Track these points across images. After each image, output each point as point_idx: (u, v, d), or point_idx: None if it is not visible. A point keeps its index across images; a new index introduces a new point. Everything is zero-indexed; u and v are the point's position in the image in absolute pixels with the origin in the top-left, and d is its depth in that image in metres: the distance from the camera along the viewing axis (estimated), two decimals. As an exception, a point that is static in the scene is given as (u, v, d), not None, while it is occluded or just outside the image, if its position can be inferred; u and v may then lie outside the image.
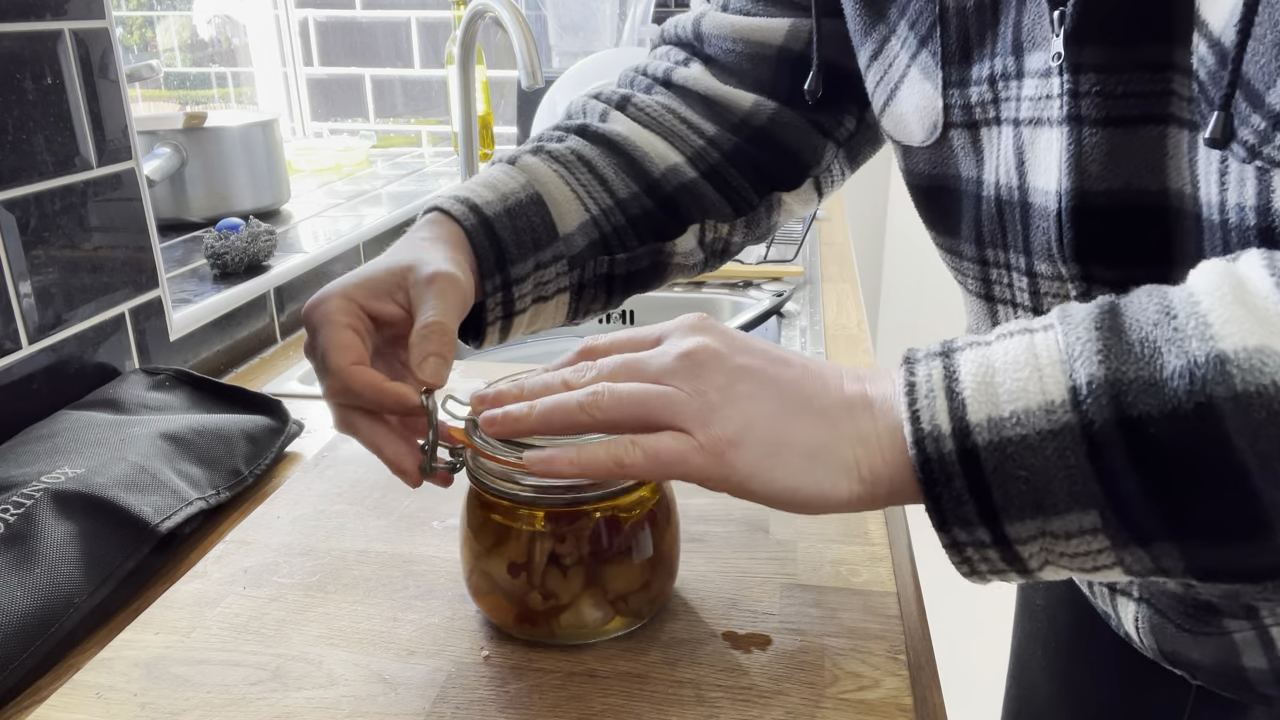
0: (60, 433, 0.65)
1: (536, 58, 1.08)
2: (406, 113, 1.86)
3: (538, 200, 0.58)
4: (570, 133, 0.63)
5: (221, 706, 0.45)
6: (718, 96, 0.64)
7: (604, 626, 0.48)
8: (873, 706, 0.44)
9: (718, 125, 0.64)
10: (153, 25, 1.64)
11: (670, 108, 0.64)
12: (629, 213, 0.61)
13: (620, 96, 0.65)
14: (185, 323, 0.87)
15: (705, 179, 0.63)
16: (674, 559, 0.51)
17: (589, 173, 0.60)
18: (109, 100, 0.76)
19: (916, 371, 0.39)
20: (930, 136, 0.51)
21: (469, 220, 0.55)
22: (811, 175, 0.67)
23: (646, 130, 0.64)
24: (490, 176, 0.59)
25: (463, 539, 0.50)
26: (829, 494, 0.40)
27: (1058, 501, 0.35)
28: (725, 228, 0.66)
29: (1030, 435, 0.35)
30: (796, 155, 0.65)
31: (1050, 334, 0.37)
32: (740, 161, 0.64)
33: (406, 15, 1.79)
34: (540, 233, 0.57)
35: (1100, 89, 0.41)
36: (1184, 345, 0.33)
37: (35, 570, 0.52)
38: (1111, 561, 0.36)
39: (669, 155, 0.63)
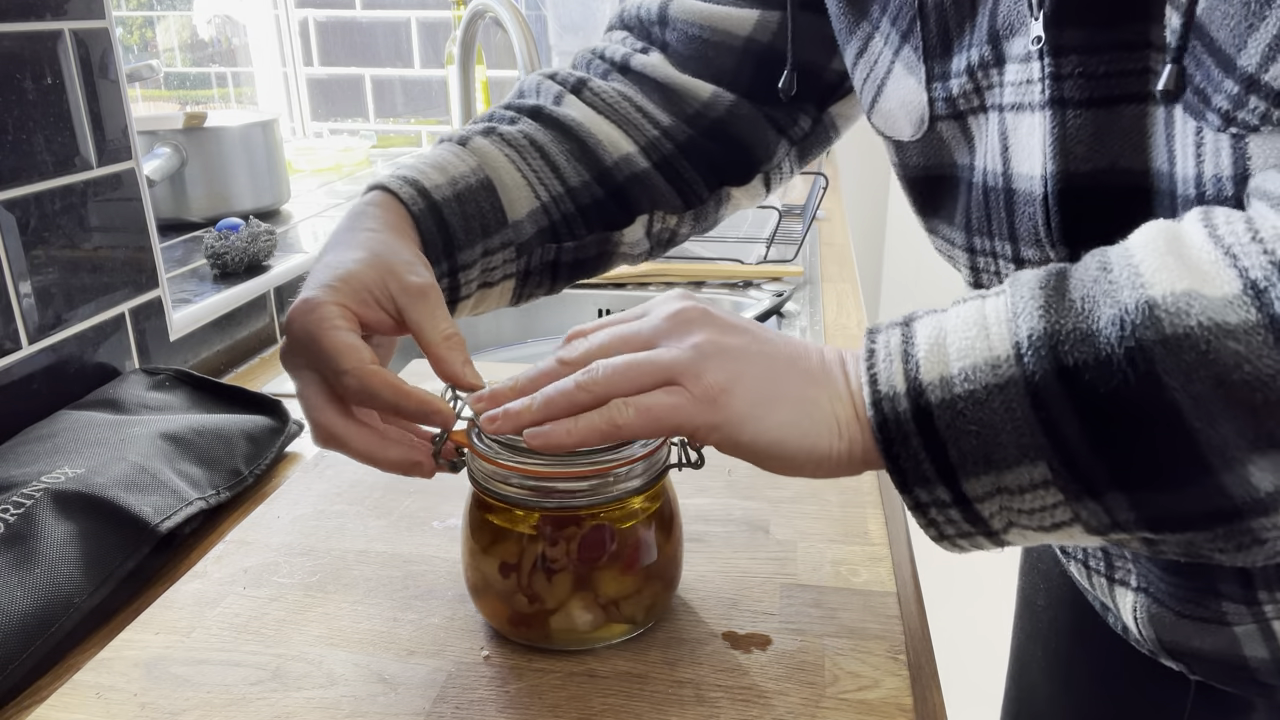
0: (60, 433, 0.65)
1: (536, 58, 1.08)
2: (406, 113, 1.86)
3: (488, 186, 0.57)
4: (523, 114, 0.61)
5: (221, 706, 0.45)
6: (676, 85, 0.63)
7: (599, 632, 0.48)
8: (873, 706, 0.44)
9: (673, 116, 0.63)
10: (153, 25, 1.64)
11: (626, 95, 0.63)
12: (579, 201, 0.60)
13: (576, 80, 0.64)
14: (185, 323, 0.87)
15: (657, 170, 0.63)
16: (673, 569, 0.51)
17: (541, 158, 0.59)
18: (109, 100, 0.76)
19: (877, 340, 0.41)
20: (918, 131, 0.52)
21: (417, 205, 0.54)
22: (762, 171, 0.67)
23: (601, 116, 0.62)
24: (439, 157, 0.57)
25: (463, 538, 0.50)
26: (814, 447, 0.41)
27: (1007, 454, 0.36)
28: (673, 219, 0.65)
29: (978, 390, 0.36)
30: (749, 150, 0.65)
31: (1000, 298, 0.38)
32: (693, 154, 0.64)
33: (406, 15, 1.79)
34: (489, 219, 0.56)
35: (1082, 70, 0.41)
36: (1117, 295, 0.35)
37: (35, 570, 0.52)
38: (1069, 517, 0.37)
39: (622, 144, 0.62)
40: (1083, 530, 0.38)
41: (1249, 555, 0.37)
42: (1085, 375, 0.34)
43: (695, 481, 0.63)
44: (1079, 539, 0.39)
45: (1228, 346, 0.32)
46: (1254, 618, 0.48)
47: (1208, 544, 0.37)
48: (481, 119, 0.62)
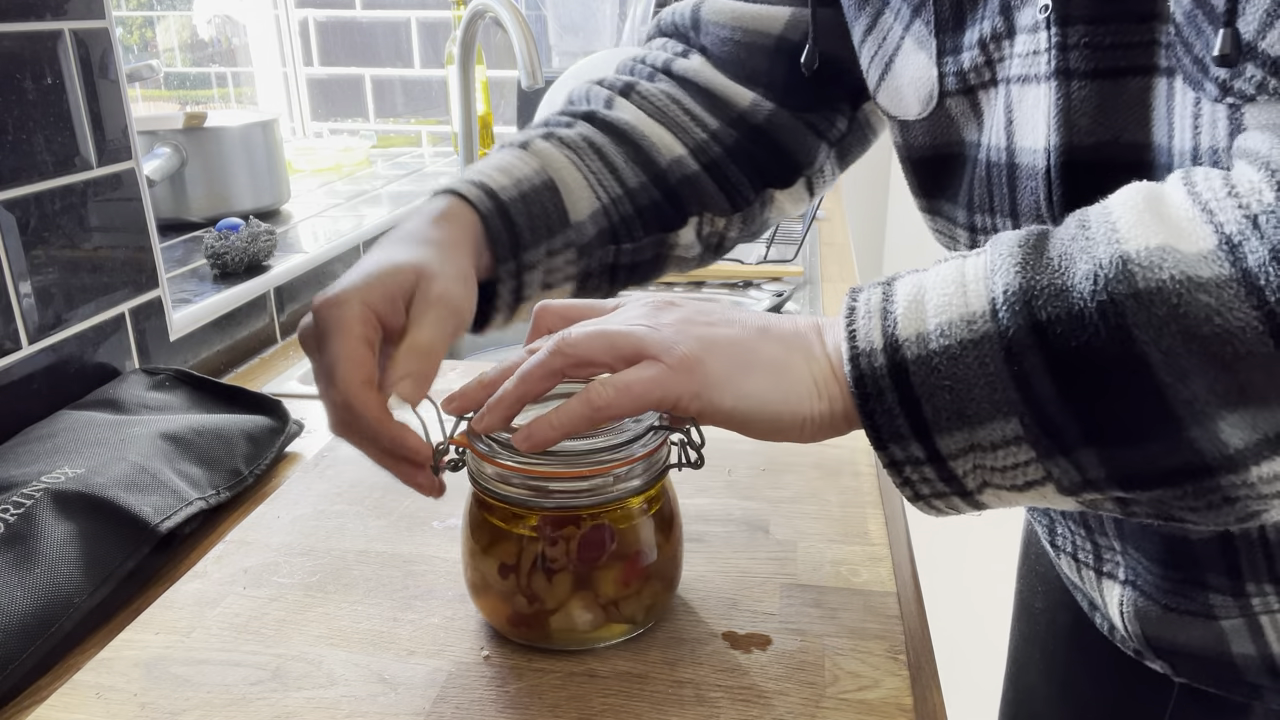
0: (60, 433, 0.65)
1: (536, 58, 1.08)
2: (406, 113, 1.86)
3: (551, 186, 0.57)
4: (578, 119, 0.62)
5: (221, 706, 0.45)
6: (718, 90, 0.64)
7: (599, 632, 0.48)
8: (873, 706, 0.44)
9: (719, 119, 0.64)
10: (153, 25, 1.64)
11: (674, 97, 0.64)
12: (637, 202, 0.61)
13: (624, 83, 0.65)
14: (185, 323, 0.87)
15: (706, 172, 0.63)
16: (672, 569, 0.50)
17: (599, 160, 0.60)
18: (109, 100, 0.76)
19: (858, 298, 0.41)
20: (926, 108, 0.51)
21: (485, 205, 0.54)
22: (804, 175, 0.67)
23: (651, 119, 0.63)
24: (503, 160, 0.58)
25: (463, 538, 0.50)
26: (796, 408, 0.41)
27: (980, 410, 0.37)
28: (722, 222, 0.66)
29: (953, 345, 0.37)
30: (791, 155, 0.65)
31: (980, 256, 0.39)
32: (740, 157, 0.64)
33: (406, 15, 1.79)
34: (553, 219, 0.57)
35: (1089, 40, 0.41)
36: (1092, 250, 0.35)
37: (35, 570, 0.52)
38: (1041, 475, 0.37)
39: (674, 146, 0.63)
40: (1055, 489, 0.38)
41: (1220, 515, 0.36)
42: (1058, 329, 0.35)
43: (695, 481, 0.63)
44: (1052, 499, 0.39)
45: (1199, 300, 0.32)
46: (1241, 611, 0.48)
47: (1177, 502, 0.36)
48: (538, 124, 0.63)
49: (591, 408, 0.41)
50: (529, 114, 1.48)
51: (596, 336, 0.42)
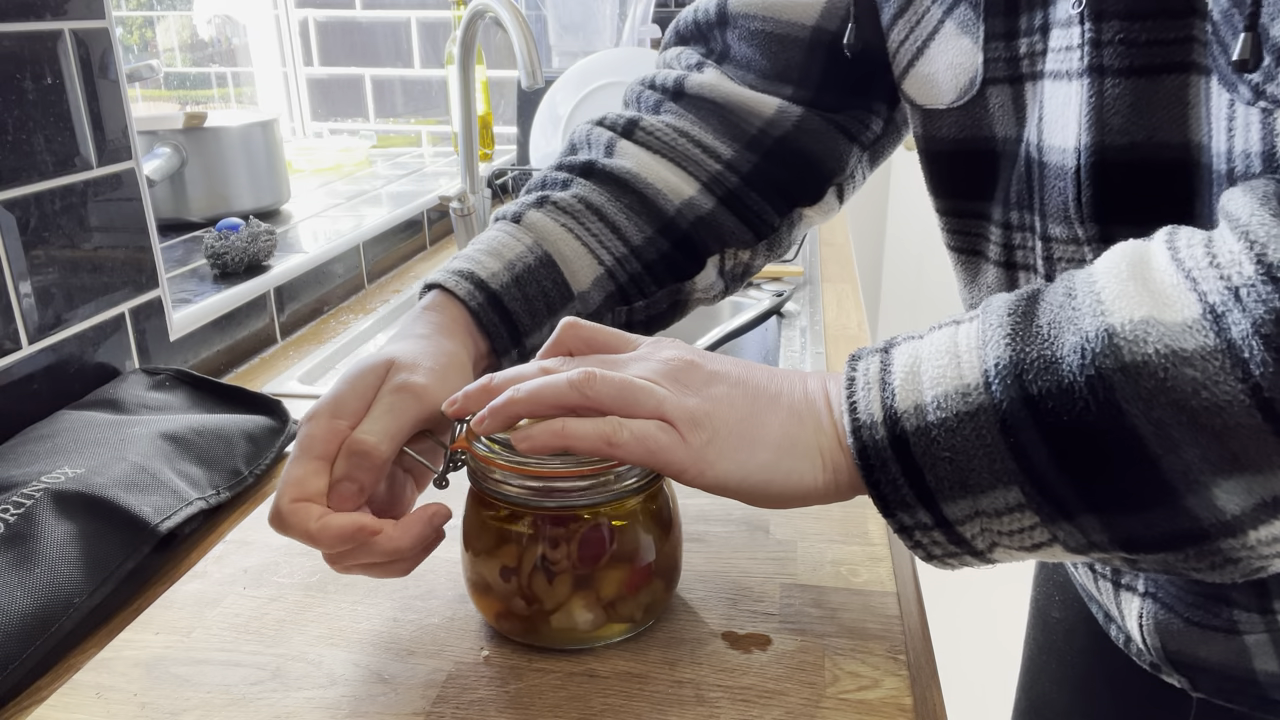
0: (60, 433, 0.65)
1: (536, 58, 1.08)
2: (406, 113, 1.86)
3: (548, 262, 0.55)
4: (575, 174, 0.59)
5: (221, 706, 0.45)
6: (736, 104, 0.60)
7: (598, 632, 0.48)
8: (873, 706, 0.44)
9: (734, 143, 0.60)
10: (153, 25, 1.64)
11: (681, 129, 0.60)
12: (644, 259, 0.58)
13: (626, 122, 0.61)
14: (185, 323, 0.87)
15: (723, 205, 0.60)
16: (672, 568, 0.50)
17: (599, 221, 0.57)
18: (109, 100, 0.76)
19: (857, 367, 0.41)
20: (964, 95, 0.49)
21: (475, 300, 0.53)
22: (834, 183, 0.63)
23: (657, 158, 0.60)
24: (494, 241, 0.56)
25: (463, 538, 0.50)
26: (798, 484, 0.42)
27: (981, 479, 0.37)
28: (746, 254, 0.63)
29: (950, 418, 0.37)
30: (820, 164, 0.62)
31: (973, 324, 0.39)
32: (759, 182, 0.61)
33: (406, 15, 1.79)
34: (553, 296, 0.55)
35: (1123, 37, 0.40)
36: (1079, 322, 0.35)
37: (35, 570, 0.52)
38: (1047, 538, 0.38)
39: (682, 188, 0.59)
40: (1063, 550, 0.38)
41: (1224, 574, 0.37)
42: (1049, 403, 0.35)
43: (695, 481, 0.63)
44: (1062, 558, 0.39)
45: (1185, 374, 0.32)
46: (1266, 627, 0.47)
47: (1181, 563, 0.37)
48: (534, 186, 0.60)
49: (605, 440, 0.42)
50: (529, 114, 1.48)
51: (621, 390, 0.42)
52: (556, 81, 1.41)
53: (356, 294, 1.21)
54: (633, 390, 0.42)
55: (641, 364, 0.44)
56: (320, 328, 1.09)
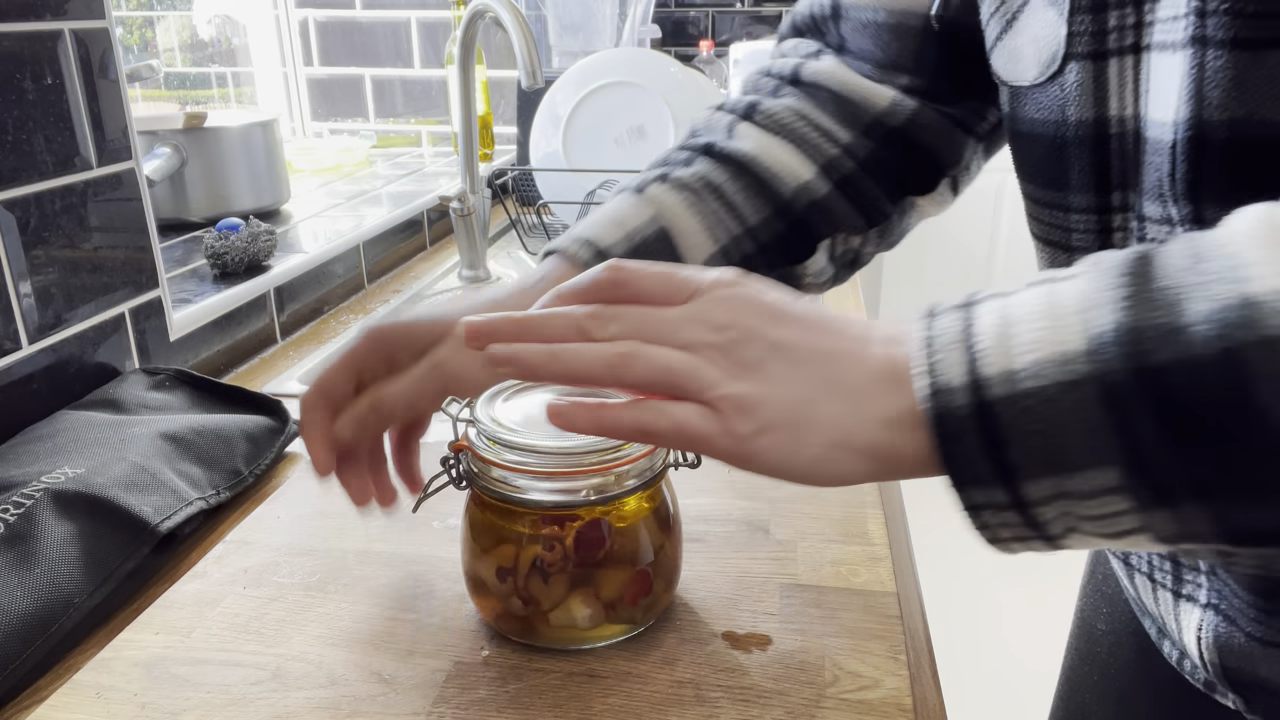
0: (60, 433, 0.65)
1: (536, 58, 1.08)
2: (406, 113, 1.86)
3: (664, 236, 0.56)
4: (697, 153, 0.60)
5: (221, 706, 0.45)
6: (852, 93, 0.60)
7: (597, 632, 0.48)
8: (873, 706, 0.44)
9: (851, 129, 0.60)
10: (153, 25, 1.64)
11: (800, 111, 0.60)
12: (759, 240, 0.58)
13: (746, 104, 0.62)
14: (185, 323, 0.87)
15: (838, 190, 0.59)
16: (672, 567, 0.51)
17: (717, 199, 0.58)
18: (109, 100, 0.76)
19: (934, 326, 0.37)
20: (1044, 72, 0.47)
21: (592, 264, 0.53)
22: (948, 175, 0.62)
23: (776, 139, 0.60)
24: (616, 211, 0.57)
25: (462, 538, 0.50)
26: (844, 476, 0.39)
27: (1074, 456, 0.34)
28: (857, 240, 0.62)
29: (1047, 387, 0.34)
30: (934, 156, 0.61)
31: (1074, 282, 0.35)
32: (875, 169, 0.60)
33: (406, 15, 1.79)
34: None
35: (1229, 6, 0.38)
36: (1210, 289, 0.32)
37: (35, 570, 0.52)
38: (1137, 525, 0.34)
39: (799, 171, 0.59)
40: (1151, 538, 0.35)
41: None
42: (1168, 377, 0.31)
43: (695, 481, 0.63)
44: (1145, 546, 0.36)
45: None
46: None
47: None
48: (658, 163, 0.61)
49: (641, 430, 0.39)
50: (529, 114, 1.48)
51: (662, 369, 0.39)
52: (556, 81, 1.41)
53: (356, 294, 1.21)
54: (675, 376, 0.39)
55: (692, 328, 0.40)
56: (320, 328, 1.09)
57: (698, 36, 2.48)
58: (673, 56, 1.41)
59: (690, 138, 0.63)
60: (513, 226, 1.39)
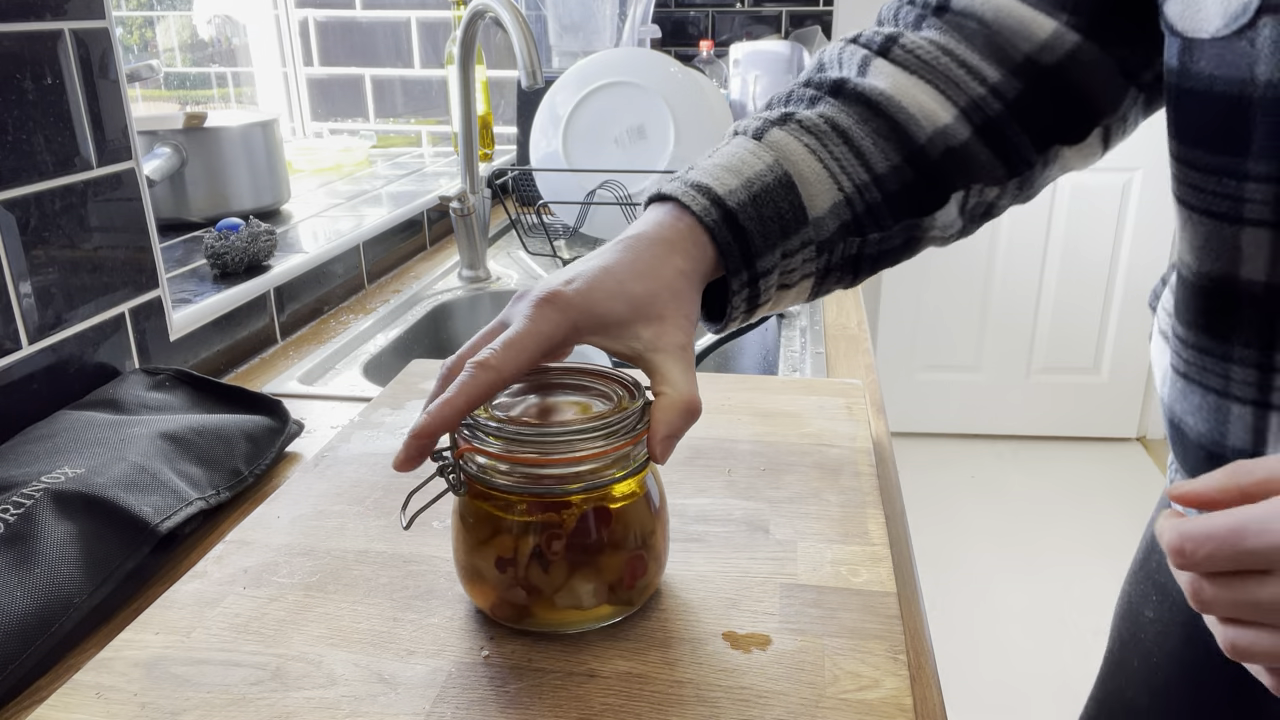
0: (60, 433, 0.65)
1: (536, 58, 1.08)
2: (406, 113, 1.86)
3: (787, 183, 0.52)
4: (824, 92, 0.55)
5: (221, 706, 0.45)
6: (1008, 22, 0.54)
7: (594, 613, 0.49)
8: (873, 706, 0.44)
9: (1001, 67, 0.54)
10: (153, 25, 1.64)
11: (945, 47, 0.55)
12: (886, 189, 0.54)
13: (884, 38, 0.56)
14: (185, 323, 0.87)
15: (979, 136, 0.54)
16: (661, 549, 0.51)
17: (844, 144, 0.53)
18: (109, 100, 0.76)
19: None
20: (1230, 24, 0.43)
21: (710, 216, 0.50)
22: (1102, 124, 0.56)
23: (914, 79, 0.54)
24: (733, 156, 0.53)
25: (454, 529, 0.50)
26: None
27: None
28: (994, 191, 0.57)
29: None
30: (1090, 100, 0.55)
31: None
32: (1023, 112, 0.55)
33: (406, 15, 1.79)
34: (788, 219, 0.52)
35: None
36: None
37: (35, 570, 0.52)
38: None
39: (938, 114, 0.54)
40: None
41: None
42: None
43: (695, 482, 0.63)
44: None
45: None
46: None
47: None
48: (778, 101, 0.57)
49: None
50: (529, 114, 1.48)
51: None
52: (556, 81, 1.41)
53: (356, 294, 1.21)
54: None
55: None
56: (320, 328, 1.09)
57: (698, 36, 2.48)
58: (673, 56, 1.41)
59: (818, 71, 0.58)
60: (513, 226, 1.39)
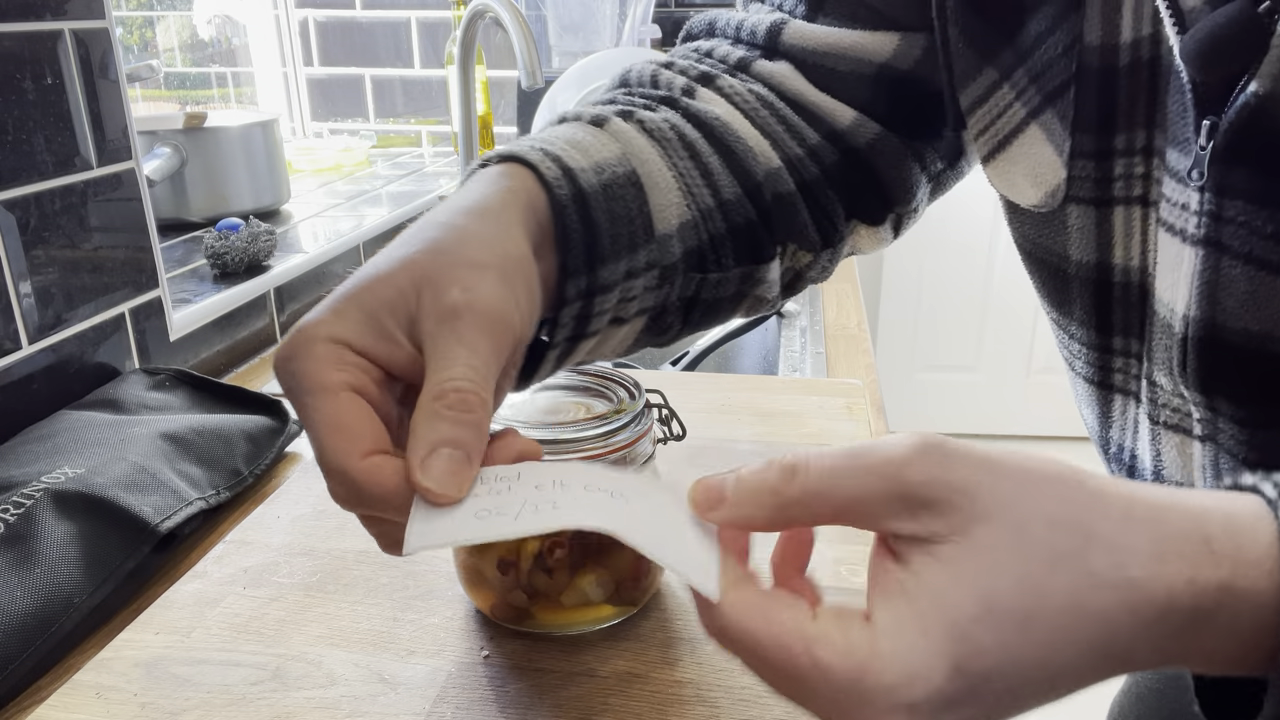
0: (60, 433, 0.65)
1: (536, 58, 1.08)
2: (406, 113, 1.86)
3: (636, 183, 0.41)
4: (657, 102, 0.47)
5: (221, 706, 0.45)
6: (812, 103, 0.50)
7: (595, 614, 0.49)
8: (873, 706, 0.44)
9: (817, 132, 0.50)
10: (153, 25, 1.64)
11: (765, 99, 0.49)
12: (731, 220, 0.45)
13: (701, 73, 0.50)
14: (185, 323, 0.87)
15: (802, 193, 0.49)
16: None
17: (691, 159, 0.45)
18: (109, 100, 0.76)
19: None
20: (1044, 204, 0.44)
21: (562, 188, 0.38)
22: (894, 212, 0.54)
23: (744, 117, 0.49)
24: (573, 136, 0.42)
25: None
26: None
27: None
28: (806, 258, 0.51)
29: None
30: (888, 188, 0.52)
31: None
32: (836, 181, 0.50)
33: (406, 15, 1.79)
34: (636, 228, 0.41)
35: (1245, 220, 0.34)
36: None
37: (35, 570, 0.52)
38: None
39: (770, 156, 0.48)
40: None
41: None
42: None
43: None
44: None
45: None
46: None
47: None
48: (603, 101, 0.48)
49: None
50: (529, 114, 1.48)
51: None
52: (556, 81, 1.41)
53: (356, 294, 1.21)
54: None
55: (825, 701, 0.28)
56: (320, 328, 1.08)
57: (698, 36, 2.48)
58: (673, 56, 1.41)
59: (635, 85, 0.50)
60: (513, 226, 1.38)
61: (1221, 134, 0.34)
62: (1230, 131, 0.33)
